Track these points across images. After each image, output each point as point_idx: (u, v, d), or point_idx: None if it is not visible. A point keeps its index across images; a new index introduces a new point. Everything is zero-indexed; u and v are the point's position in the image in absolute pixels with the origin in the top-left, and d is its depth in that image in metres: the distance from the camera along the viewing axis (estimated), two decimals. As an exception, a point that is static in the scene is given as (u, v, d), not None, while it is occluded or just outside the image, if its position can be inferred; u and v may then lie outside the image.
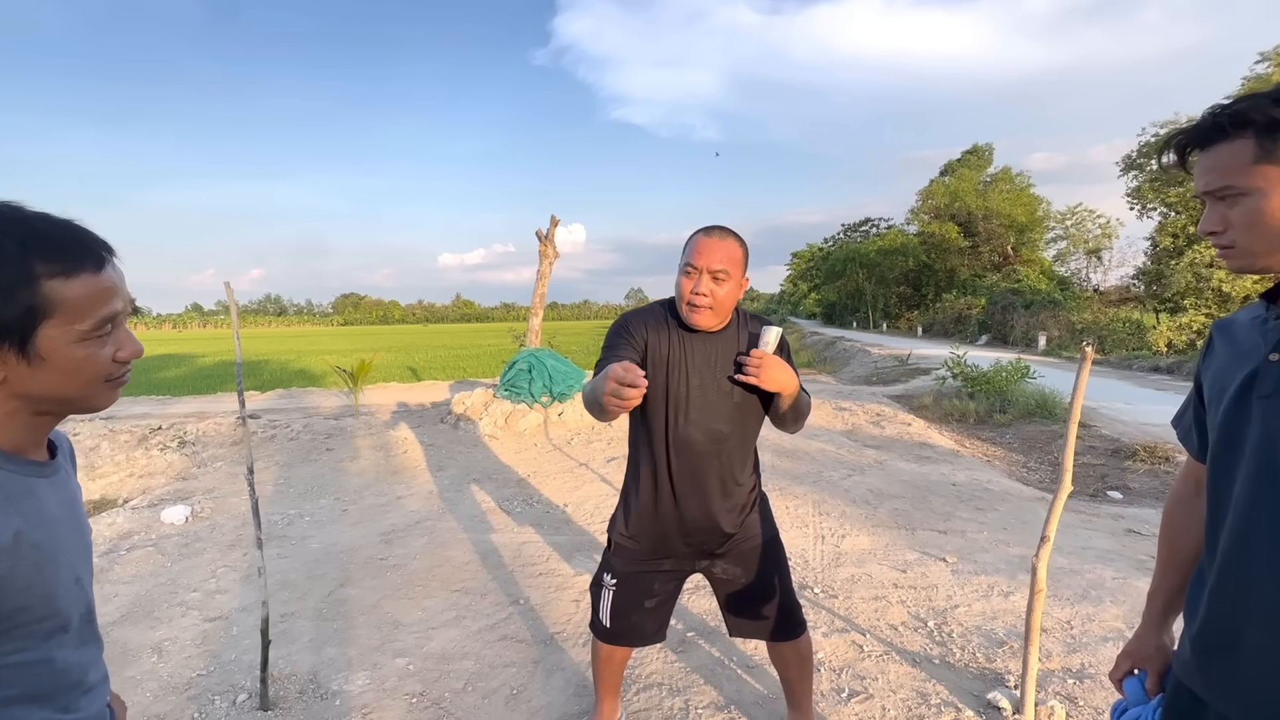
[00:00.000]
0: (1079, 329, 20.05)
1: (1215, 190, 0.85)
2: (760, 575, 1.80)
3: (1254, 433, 0.83)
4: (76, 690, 0.73)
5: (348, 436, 7.05)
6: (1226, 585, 0.86)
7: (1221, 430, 0.88)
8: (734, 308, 1.67)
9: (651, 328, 1.69)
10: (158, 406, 10.22)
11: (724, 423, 1.66)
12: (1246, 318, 0.94)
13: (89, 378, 0.70)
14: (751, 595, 1.81)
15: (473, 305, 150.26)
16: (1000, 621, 2.79)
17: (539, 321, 9.10)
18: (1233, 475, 0.85)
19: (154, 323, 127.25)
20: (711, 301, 1.58)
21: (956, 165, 39.40)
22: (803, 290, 64.52)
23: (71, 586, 0.72)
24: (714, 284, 1.57)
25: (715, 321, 1.63)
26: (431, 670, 2.47)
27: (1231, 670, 0.86)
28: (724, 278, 1.58)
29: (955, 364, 9.68)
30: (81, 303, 0.67)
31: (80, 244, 0.68)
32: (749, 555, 1.79)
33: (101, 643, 0.81)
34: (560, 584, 3.26)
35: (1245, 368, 0.87)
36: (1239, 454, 0.85)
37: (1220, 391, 0.91)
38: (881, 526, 4.06)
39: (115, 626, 2.85)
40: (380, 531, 4.08)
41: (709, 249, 1.57)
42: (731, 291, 1.60)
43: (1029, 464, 6.34)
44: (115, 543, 3.99)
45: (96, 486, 6.57)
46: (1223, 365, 0.93)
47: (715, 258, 1.56)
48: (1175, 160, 0.91)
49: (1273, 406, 0.81)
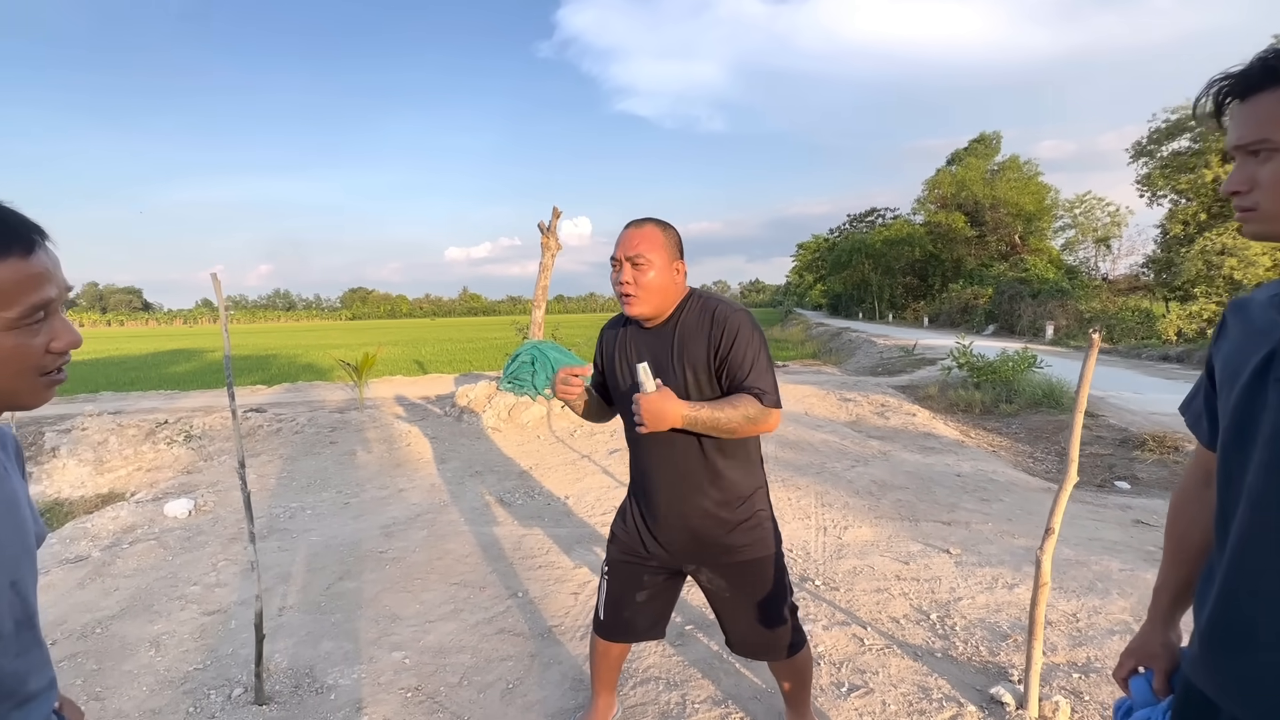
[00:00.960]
0: (1087, 318, 19.84)
1: (1250, 143, 0.77)
2: (749, 595, 1.70)
3: (1269, 419, 0.76)
4: (10, 701, 0.70)
5: (352, 430, 7.06)
6: (1237, 580, 0.81)
7: (1234, 416, 0.82)
8: (676, 295, 1.63)
9: (609, 335, 1.77)
10: (166, 401, 10.30)
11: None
12: (1264, 296, 0.87)
13: (18, 369, 0.66)
14: (738, 613, 1.73)
15: (479, 299, 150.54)
16: (1004, 614, 2.75)
17: (542, 314, 9.07)
18: (1245, 464, 0.80)
19: (165, 318, 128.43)
20: (635, 290, 1.57)
21: (963, 154, 39.01)
22: (809, 281, 64.21)
23: (5, 591, 0.69)
24: (635, 271, 1.57)
25: (649, 309, 1.60)
26: (428, 664, 2.46)
27: (1243, 669, 0.81)
28: (644, 263, 1.56)
29: (961, 354, 9.58)
30: (8, 288, 0.64)
31: (6, 226, 0.64)
32: (737, 571, 1.69)
33: (45, 648, 0.77)
34: (559, 576, 3.24)
35: (1262, 348, 0.80)
36: (1252, 442, 0.79)
37: (1234, 374, 0.84)
38: (884, 518, 4.02)
39: (114, 620, 2.85)
40: (381, 524, 4.08)
41: (625, 239, 1.60)
42: (658, 278, 1.57)
43: (1035, 454, 6.28)
44: (118, 536, 4.00)
45: (105, 480, 6.61)
46: (1237, 346, 0.86)
47: (630, 245, 1.57)
48: (1212, 110, 0.82)
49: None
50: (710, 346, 1.57)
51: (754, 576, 1.70)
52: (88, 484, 6.42)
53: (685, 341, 1.61)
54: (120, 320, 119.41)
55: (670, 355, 1.61)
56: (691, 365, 1.59)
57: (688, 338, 1.61)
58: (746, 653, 1.80)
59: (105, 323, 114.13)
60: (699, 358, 1.59)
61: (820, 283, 56.61)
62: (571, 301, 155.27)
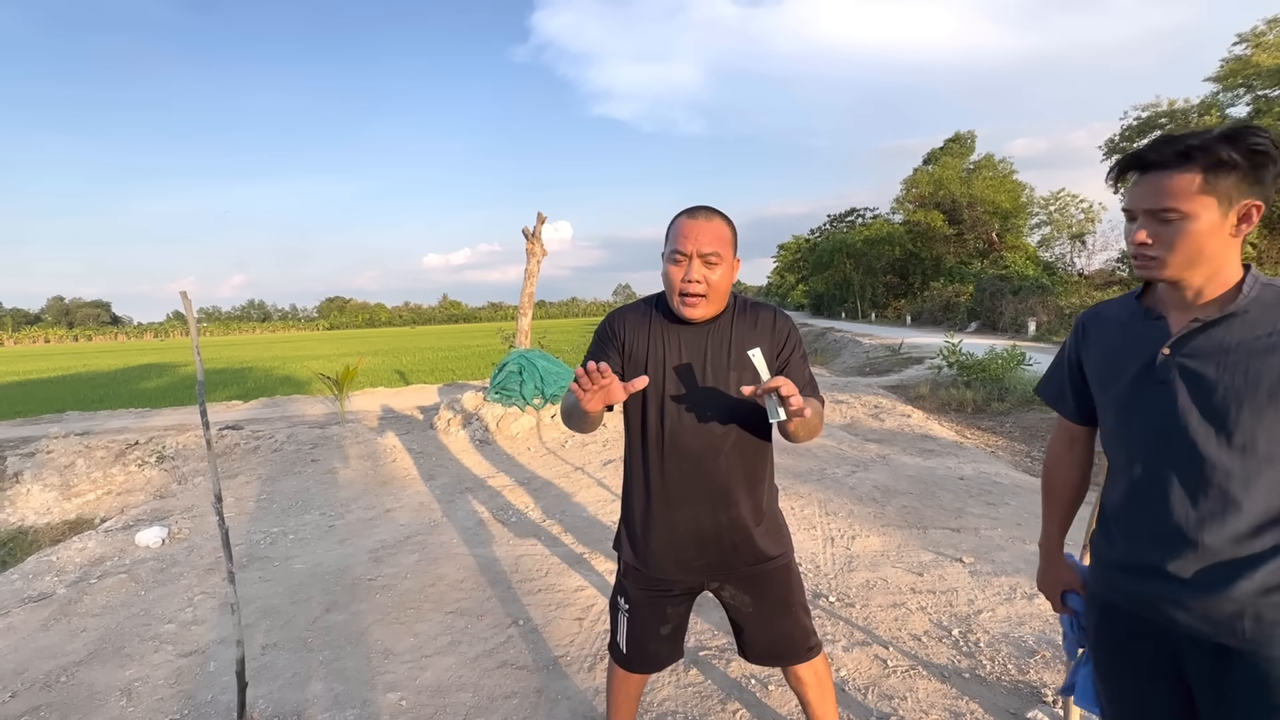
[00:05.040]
0: (1068, 313, 20.09)
1: (1158, 209, 1.00)
2: (772, 602, 1.61)
3: (1153, 408, 1.07)
4: None
5: (334, 446, 6.82)
6: (1137, 516, 1.11)
7: (1123, 406, 1.12)
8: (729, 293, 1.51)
9: (632, 324, 1.55)
10: (136, 420, 9.91)
11: (719, 423, 1.49)
12: (1115, 311, 1.19)
13: None
14: (762, 622, 1.63)
15: (460, 306, 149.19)
16: (1028, 627, 2.65)
17: (528, 321, 8.88)
18: (1136, 436, 1.10)
19: (135, 332, 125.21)
20: (706, 289, 1.42)
21: (939, 153, 39.42)
22: (790, 282, 64.51)
23: None
24: (706, 269, 1.41)
25: (713, 310, 1.48)
26: (426, 705, 2.29)
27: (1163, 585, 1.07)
28: (716, 261, 1.42)
29: (950, 352, 9.58)
30: None
31: None
32: (760, 580, 1.59)
33: None
34: (561, 600, 3.08)
35: (1139, 358, 1.09)
36: (1140, 422, 1.09)
37: (1113, 377, 1.14)
38: (892, 525, 3.91)
39: (81, 667, 2.63)
40: (369, 549, 3.88)
41: (696, 231, 1.42)
42: (725, 275, 1.45)
43: (1033, 454, 6.24)
44: (85, 570, 3.76)
45: (72, 506, 6.29)
46: (1110, 355, 1.16)
47: (705, 240, 1.41)
48: (1115, 176, 1.07)
49: (1167, 390, 1.05)
50: (768, 353, 1.48)
51: (777, 583, 1.61)
52: (53, 510, 6.10)
53: (741, 344, 1.49)
54: (88, 335, 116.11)
55: (726, 357, 1.49)
56: (744, 369, 1.48)
57: (744, 341, 1.49)
58: (767, 661, 1.69)
59: (72, 338, 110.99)
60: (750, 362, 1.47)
61: (802, 283, 56.90)
62: (554, 307, 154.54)
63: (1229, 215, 0.99)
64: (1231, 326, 1.01)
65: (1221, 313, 1.01)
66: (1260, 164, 0.97)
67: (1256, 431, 0.97)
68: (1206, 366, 1.02)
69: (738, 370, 1.48)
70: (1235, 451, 0.99)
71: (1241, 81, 20.29)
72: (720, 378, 1.48)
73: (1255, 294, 1.01)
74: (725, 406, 1.48)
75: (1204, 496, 1.02)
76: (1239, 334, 1.00)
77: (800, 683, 1.70)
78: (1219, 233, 0.99)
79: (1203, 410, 1.01)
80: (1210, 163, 0.97)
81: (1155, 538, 1.08)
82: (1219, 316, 1.01)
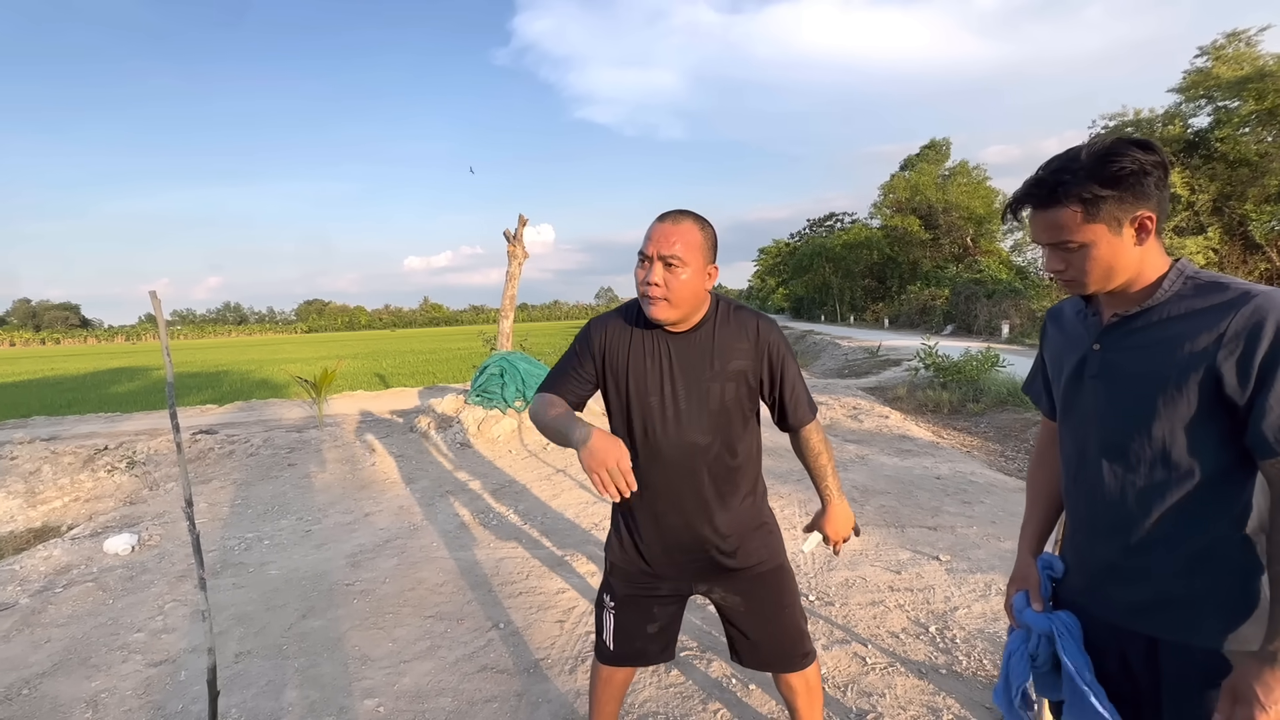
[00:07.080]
0: (1040, 316, 20.52)
1: (1055, 242, 1.05)
2: (764, 606, 1.61)
3: (1084, 401, 1.12)
4: None
5: (311, 450, 6.71)
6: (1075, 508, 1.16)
7: (1064, 400, 1.18)
8: (705, 299, 1.49)
9: (613, 332, 1.55)
10: (106, 424, 9.66)
11: (701, 433, 1.48)
12: (1071, 309, 1.22)
13: None
14: (754, 626, 1.62)
15: (441, 309, 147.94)
16: (1003, 623, 2.69)
17: (510, 324, 8.83)
18: (1072, 429, 1.16)
19: (105, 335, 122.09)
20: (665, 292, 1.40)
21: (916, 159, 40.04)
22: (771, 285, 65.02)
23: None
24: (666, 272, 1.40)
25: (675, 314, 1.44)
26: (404, 711, 2.26)
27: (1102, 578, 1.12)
28: (677, 264, 1.39)
29: (927, 354, 9.72)
30: None
31: None
32: (750, 584, 1.59)
33: None
34: (542, 603, 3.06)
35: (1077, 353, 1.14)
36: (1075, 415, 1.15)
37: (1059, 371, 1.20)
38: (870, 525, 3.96)
39: (45, 678, 2.55)
40: (346, 553, 3.82)
41: (661, 234, 1.41)
42: (691, 281, 1.42)
43: (1006, 453, 6.35)
44: (50, 579, 3.65)
45: (38, 513, 6.10)
46: (1058, 350, 1.22)
47: (667, 243, 1.40)
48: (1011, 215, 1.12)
49: (1094, 384, 1.10)
50: (757, 367, 1.51)
51: (770, 588, 1.61)
52: (18, 518, 5.91)
53: (724, 355, 1.49)
54: (56, 338, 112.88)
55: (708, 367, 1.49)
56: (726, 380, 1.48)
57: (727, 351, 1.49)
58: (761, 666, 1.68)
59: (39, 341, 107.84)
60: (738, 373, 1.49)
61: (782, 286, 57.39)
62: (535, 310, 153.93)
63: (1123, 233, 1.00)
64: (1149, 319, 1.03)
65: (1140, 307, 1.04)
66: (1132, 184, 0.97)
67: (1173, 421, 0.99)
68: (1125, 359, 1.06)
69: (719, 382, 1.48)
70: (1154, 441, 1.01)
71: (1203, 93, 20.85)
72: (700, 389, 1.48)
73: (1176, 288, 1.02)
74: (708, 418, 1.48)
75: (1128, 486, 1.05)
76: (1156, 327, 1.02)
77: (791, 690, 1.70)
78: (1122, 249, 1.01)
79: (1122, 401, 1.05)
80: (1080, 199, 0.99)
81: (1091, 529, 1.12)
82: (1137, 311, 1.05)
